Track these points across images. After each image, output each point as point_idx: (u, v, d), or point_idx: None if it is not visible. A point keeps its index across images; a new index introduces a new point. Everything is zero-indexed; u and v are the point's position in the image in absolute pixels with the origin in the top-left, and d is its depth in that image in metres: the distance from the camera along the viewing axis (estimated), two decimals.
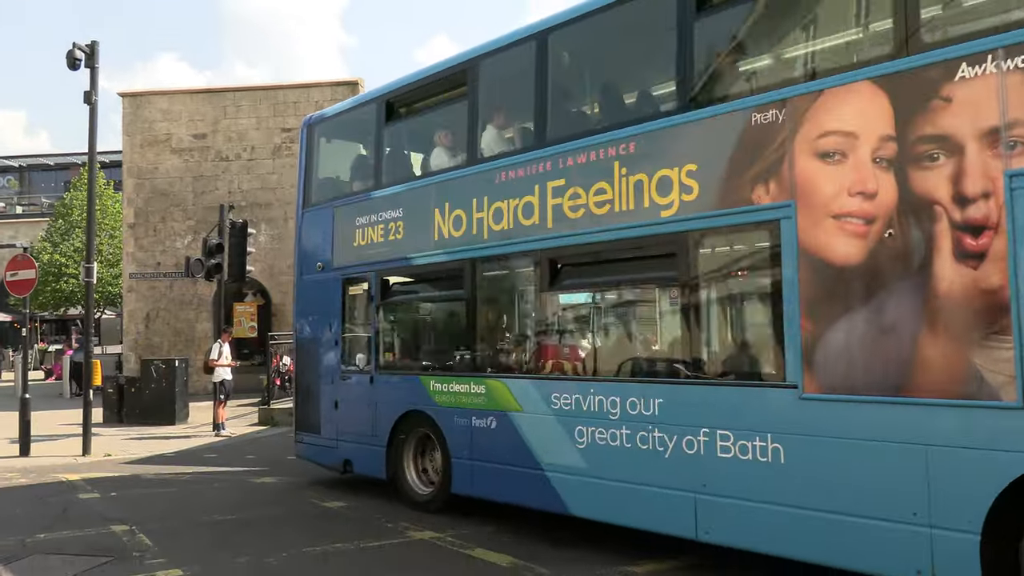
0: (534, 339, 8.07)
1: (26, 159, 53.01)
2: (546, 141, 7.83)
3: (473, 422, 8.24)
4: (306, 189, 10.84)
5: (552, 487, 7.43)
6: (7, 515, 9.18)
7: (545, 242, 7.70)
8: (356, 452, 9.79)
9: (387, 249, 9.44)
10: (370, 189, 9.85)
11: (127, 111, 24.76)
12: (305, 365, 10.78)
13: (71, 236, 35.14)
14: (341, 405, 9.97)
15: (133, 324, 24.69)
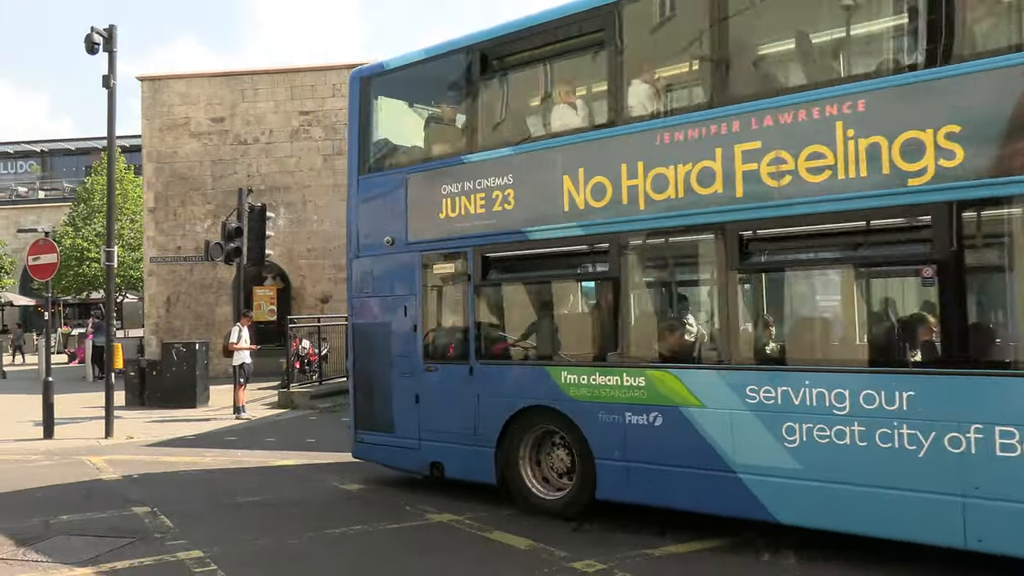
0: (718, 324, 6.97)
1: (48, 144, 53.42)
2: (731, 98, 6.83)
3: (628, 419, 7.24)
4: (362, 154, 9.50)
5: (749, 491, 6.59)
6: (31, 497, 9.29)
7: (734, 213, 6.72)
8: (450, 453, 8.58)
9: (491, 222, 8.23)
10: (461, 152, 8.64)
11: (146, 95, 24.83)
12: (366, 354, 9.50)
13: (93, 220, 35.40)
14: (425, 400, 8.76)
15: (154, 308, 24.88)
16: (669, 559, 6.70)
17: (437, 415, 8.69)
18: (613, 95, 7.57)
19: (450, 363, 8.66)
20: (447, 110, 9.39)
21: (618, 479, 7.36)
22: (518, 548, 7.03)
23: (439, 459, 8.70)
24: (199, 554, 6.92)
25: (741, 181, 6.68)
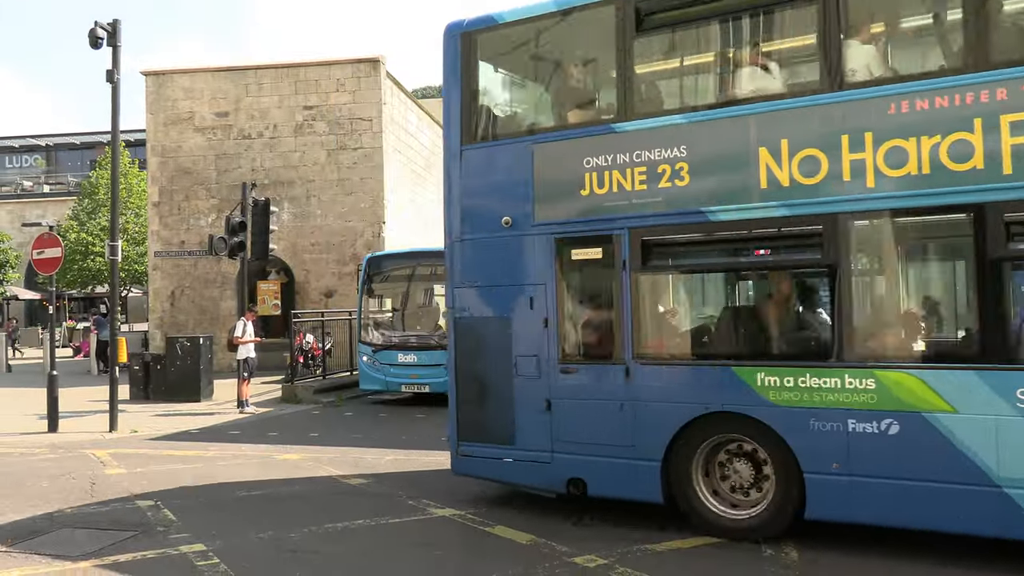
0: (977, 318, 6.18)
1: (52, 138, 53.47)
2: (997, 62, 6.00)
3: (851, 427, 6.34)
4: (467, 121, 8.22)
5: (1019, 508, 5.83)
6: (35, 489, 9.33)
7: (998, 193, 5.93)
8: (595, 468, 7.43)
9: (654, 200, 7.18)
10: (611, 120, 7.52)
11: (150, 89, 24.84)
12: (475, 354, 8.15)
13: (97, 215, 35.44)
14: (560, 406, 7.57)
15: (158, 302, 24.92)
16: (670, 554, 6.71)
17: (576, 424, 7.51)
18: (829, 55, 6.57)
19: (595, 363, 7.57)
20: (585, 70, 8.23)
21: (836, 496, 6.44)
22: (519, 543, 7.04)
23: (579, 475, 7.50)
24: (202, 547, 6.95)
25: (1009, 156, 5.89)
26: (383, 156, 23.81)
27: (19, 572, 6.38)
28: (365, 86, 23.93)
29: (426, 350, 16.14)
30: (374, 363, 16.61)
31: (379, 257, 18.13)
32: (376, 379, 16.63)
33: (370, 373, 16.70)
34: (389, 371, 16.39)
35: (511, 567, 6.37)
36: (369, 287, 17.39)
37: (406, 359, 16.32)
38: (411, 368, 16.22)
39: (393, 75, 24.96)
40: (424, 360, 16.06)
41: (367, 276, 17.31)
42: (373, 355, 16.67)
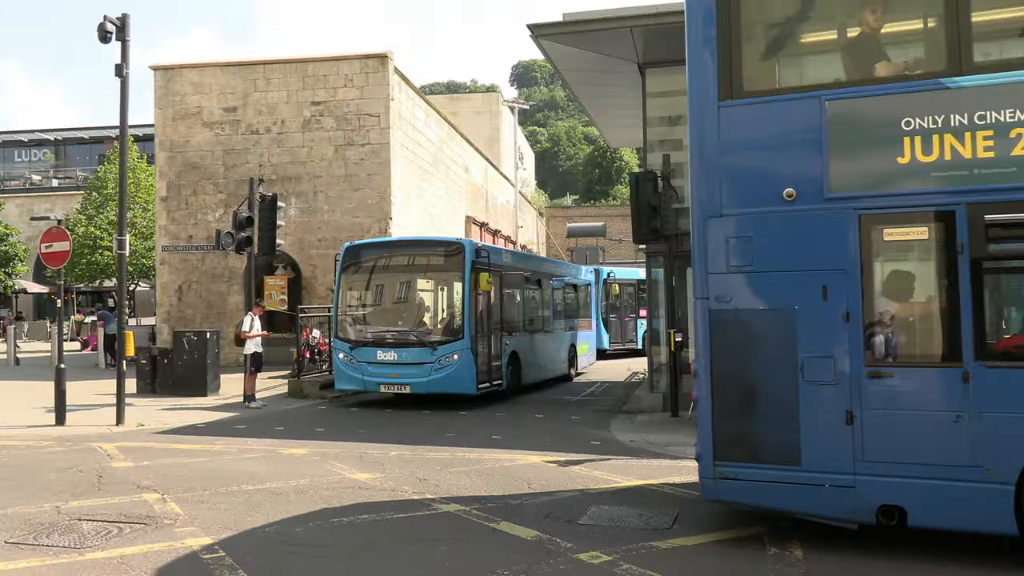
0: None
1: (61, 132, 53.66)
2: None
3: None
4: (724, 72, 6.97)
5: None
6: (43, 482, 9.37)
7: None
8: (919, 493, 6.23)
9: (1007, 170, 6.07)
10: (942, 73, 6.34)
11: (159, 84, 24.90)
12: (741, 354, 6.85)
13: (105, 209, 35.55)
14: (869, 418, 6.35)
15: (166, 296, 25.00)
16: (675, 552, 6.71)
17: (891, 440, 6.32)
18: None
19: (919, 366, 6.42)
20: (900, 8, 7.19)
21: None
22: (524, 539, 7.05)
23: (895, 502, 6.29)
24: (208, 540, 6.98)
25: None
26: (390, 152, 23.83)
27: (26, 564, 6.41)
28: (373, 81, 23.95)
29: (407, 347, 15.47)
30: (351, 361, 15.72)
31: (357, 246, 16.92)
32: (352, 378, 15.78)
33: (346, 372, 15.83)
34: (367, 370, 15.55)
35: (515, 563, 6.38)
36: (347, 279, 16.48)
37: (385, 357, 15.44)
38: (391, 367, 15.41)
39: (401, 70, 24.96)
40: (405, 358, 15.39)
41: (344, 267, 16.44)
42: (350, 352, 15.75)
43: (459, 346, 15.33)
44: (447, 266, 16.21)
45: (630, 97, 18.25)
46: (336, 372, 16.21)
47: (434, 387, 15.36)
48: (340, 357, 15.93)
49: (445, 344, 15.39)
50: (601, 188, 79.83)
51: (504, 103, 53.16)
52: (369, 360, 15.58)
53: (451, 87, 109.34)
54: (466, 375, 15.40)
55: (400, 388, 15.51)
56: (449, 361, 15.25)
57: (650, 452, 11.14)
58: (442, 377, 15.26)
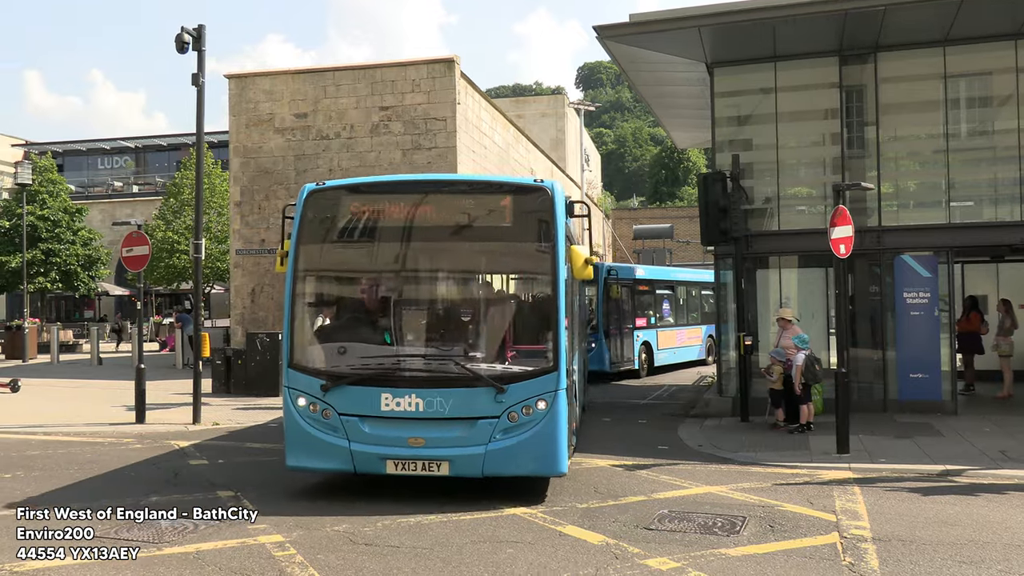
0: None
1: (141, 140, 55.56)
2: None
3: None
4: None
5: None
6: (123, 477, 9.70)
7: None
8: None
9: None
10: None
11: (233, 92, 25.56)
12: None
13: (182, 214, 36.65)
14: None
15: (239, 299, 25.64)
16: (745, 559, 6.58)
17: None
18: None
19: None
20: None
21: None
22: (591, 543, 7.01)
23: None
24: (279, 538, 7.12)
25: None
26: (457, 155, 23.99)
27: (108, 556, 6.63)
28: (440, 86, 24.15)
29: (442, 386, 8.30)
30: (324, 414, 8.40)
31: (334, 192, 9.17)
32: (327, 448, 8.39)
33: (315, 435, 8.43)
34: (360, 431, 8.30)
35: (582, 567, 6.34)
36: (312, 255, 8.92)
37: (398, 406, 8.24)
38: (408, 426, 8.24)
39: (467, 75, 25.13)
40: (438, 409, 8.22)
41: (305, 234, 8.78)
42: (322, 397, 8.39)
43: (546, 384, 8.23)
44: (516, 231, 8.84)
45: (698, 97, 18.03)
46: (288, 435, 8.62)
47: (497, 465, 8.21)
48: (299, 406, 8.49)
49: (520, 381, 8.23)
50: (668, 189, 78.98)
51: (570, 105, 53.01)
52: (365, 412, 8.33)
53: (516, 90, 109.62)
54: (553, 440, 8.22)
55: (428, 467, 8.25)
56: (528, 414, 8.17)
57: (718, 457, 10.96)
58: (513, 445, 8.14)
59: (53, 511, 7.59)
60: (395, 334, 8.87)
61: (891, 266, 14.34)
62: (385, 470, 8.32)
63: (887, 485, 9.14)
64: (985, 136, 15.21)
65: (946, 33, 14.08)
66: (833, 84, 14.94)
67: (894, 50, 14.73)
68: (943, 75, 14.50)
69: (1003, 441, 11.39)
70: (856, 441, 11.19)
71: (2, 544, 7.01)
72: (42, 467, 10.37)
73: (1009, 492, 8.82)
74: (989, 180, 15.15)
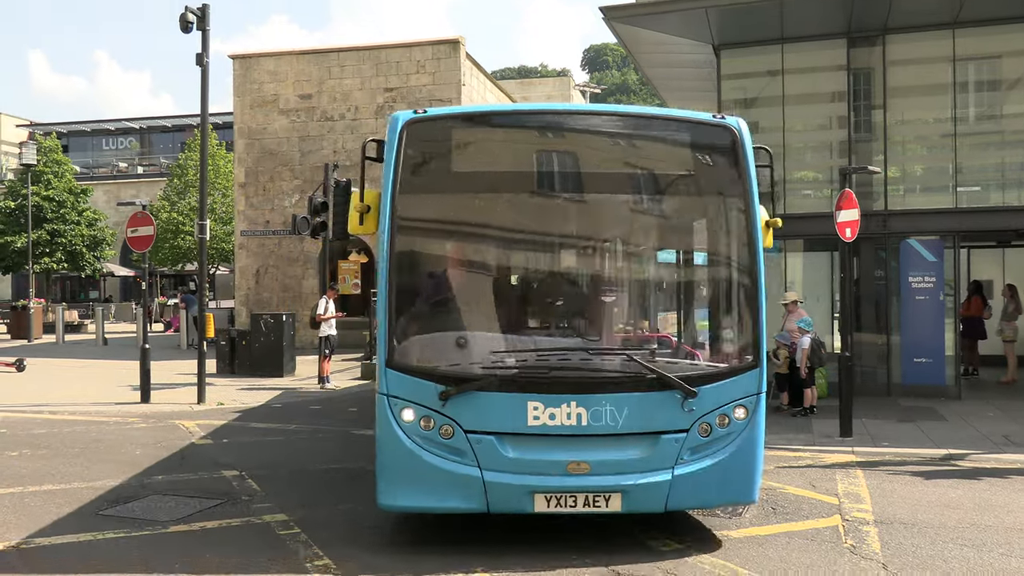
0: None
1: (145, 121, 55.45)
2: None
3: None
4: None
5: None
6: (129, 457, 9.75)
7: None
8: None
9: None
10: None
11: (237, 73, 25.49)
12: None
13: (187, 195, 36.65)
14: None
15: (244, 280, 25.68)
16: (747, 541, 6.61)
17: None
18: None
19: None
20: None
21: None
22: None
23: None
24: (283, 517, 7.16)
25: None
26: None
27: (113, 534, 6.69)
28: (445, 67, 24.06)
29: (612, 391, 6.13)
30: (442, 432, 6.11)
31: (443, 121, 6.86)
32: (446, 477, 6.09)
33: (427, 459, 6.11)
34: (498, 455, 6.06)
35: (587, 549, 6.36)
36: (415, 212, 6.48)
37: (553, 418, 6.06)
38: (569, 444, 6.09)
39: (472, 56, 25.01)
40: (606, 419, 6.08)
41: (408, 178, 6.40)
42: (441, 409, 6.08)
43: (746, 385, 6.33)
44: (698, 182, 6.86)
45: (704, 79, 17.92)
46: (387, 462, 6.29)
47: (684, 496, 6.21)
48: (403, 421, 6.18)
49: (715, 381, 6.27)
50: None
51: (575, 87, 52.81)
52: (505, 429, 6.10)
53: (522, 72, 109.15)
54: (753, 459, 6.38)
55: (592, 502, 6.12)
56: (724, 426, 6.24)
57: None
58: (706, 469, 6.18)
59: (59, 488, 7.64)
60: (539, 319, 6.80)
61: (897, 250, 14.30)
62: (532, 508, 5.99)
63: (890, 468, 9.15)
64: (993, 120, 15.11)
65: (955, 16, 13.95)
66: (841, 67, 14.83)
67: (902, 33, 14.61)
68: (952, 58, 14.38)
69: (1006, 426, 11.39)
70: (859, 425, 11.20)
71: (10, 521, 7.06)
72: (48, 445, 10.43)
73: (1011, 476, 8.82)
74: (997, 164, 15.06)
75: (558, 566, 5.93)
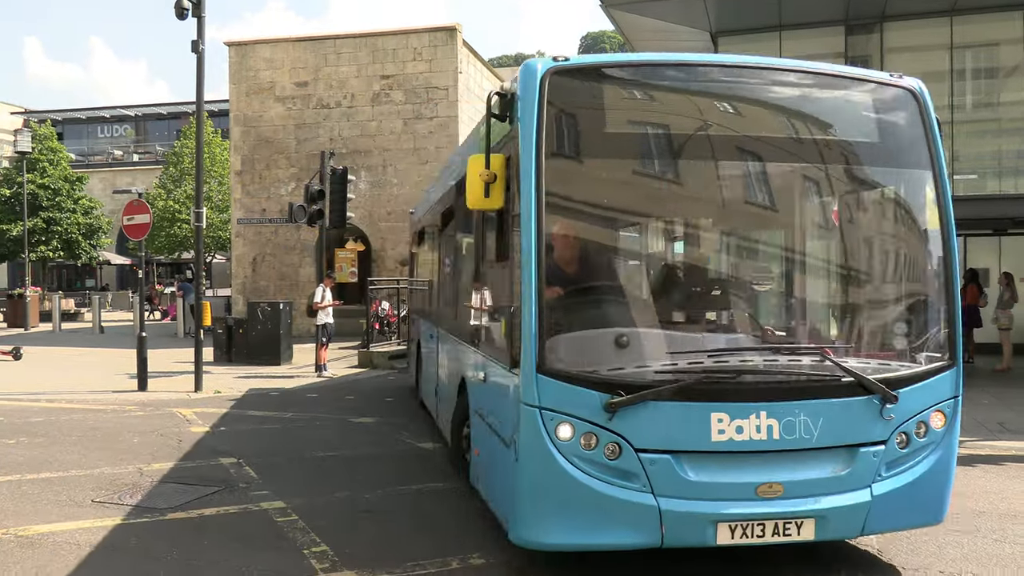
0: None
1: (141, 108, 55.26)
2: None
3: None
4: None
5: None
6: (127, 445, 9.76)
7: None
8: None
9: None
10: None
11: (233, 60, 25.39)
12: None
13: (182, 183, 36.58)
14: None
15: (241, 268, 25.65)
16: None
17: None
18: None
19: None
20: None
21: None
22: None
23: None
24: (281, 504, 7.18)
25: None
26: (459, 125, 23.87)
27: (111, 522, 6.70)
28: (441, 55, 23.98)
29: (805, 397, 5.11)
30: (607, 451, 4.94)
31: (590, 72, 5.55)
32: (612, 507, 4.94)
33: (588, 484, 4.94)
34: (677, 477, 4.96)
35: None
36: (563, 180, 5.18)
37: (740, 432, 5.00)
38: (760, 463, 5.07)
39: (469, 44, 24.92)
40: (800, 431, 5.06)
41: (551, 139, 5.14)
42: (606, 424, 4.91)
43: (943, 388, 5.49)
44: (883, 152, 5.77)
45: None
46: (534, 487, 5.07)
47: (881, 519, 5.31)
48: (563, 438, 4.96)
49: (913, 384, 5.36)
50: None
51: None
52: (684, 446, 5.02)
53: (519, 60, 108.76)
54: (948, 474, 5.60)
55: (783, 530, 5.10)
56: (922, 436, 5.40)
57: None
58: (906, 486, 5.32)
59: (57, 476, 7.65)
60: (714, 311, 5.68)
61: None
62: (715, 540, 5.02)
63: None
64: (990, 108, 15.14)
65: (953, 3, 13.95)
66: (839, 54, 14.83)
67: (900, 20, 14.62)
68: (949, 46, 14.39)
69: (1002, 413, 11.44)
70: None
71: (7, 509, 7.07)
72: (45, 433, 10.44)
73: (1006, 463, 8.87)
74: (993, 152, 15.10)
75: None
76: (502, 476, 5.51)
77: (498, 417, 5.73)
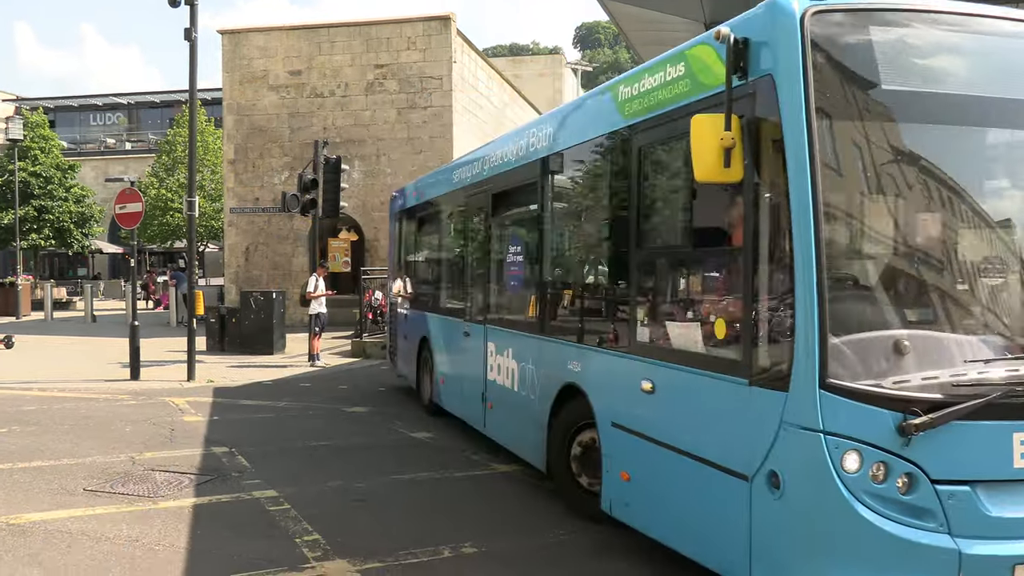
0: None
1: (134, 96, 54.97)
2: None
3: None
4: None
5: None
6: (119, 433, 9.76)
7: None
8: None
9: None
10: None
11: (226, 48, 25.26)
12: None
13: (175, 171, 36.43)
14: None
15: (234, 257, 25.59)
16: None
17: None
18: None
19: None
20: None
21: None
22: None
23: None
24: (273, 493, 7.19)
25: None
26: (452, 115, 23.82)
27: (103, 510, 6.71)
28: (435, 44, 23.90)
29: None
30: (900, 484, 4.02)
31: (861, 16, 4.33)
32: (900, 551, 3.94)
33: (876, 524, 3.96)
34: (977, 513, 4.02)
35: (566, 526, 6.43)
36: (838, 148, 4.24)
37: None
38: None
39: (464, 33, 24.85)
40: None
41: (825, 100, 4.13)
42: (900, 451, 3.99)
43: None
44: None
45: None
46: (807, 534, 4.11)
47: None
48: (849, 470, 4.00)
49: None
50: None
51: (567, 65, 52.63)
52: (984, 475, 4.09)
53: (513, 50, 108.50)
54: None
55: None
56: None
57: None
58: None
59: (49, 464, 7.66)
60: (1005, 312, 4.54)
61: None
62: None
63: None
64: None
65: None
66: None
67: None
68: None
69: None
70: None
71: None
72: (37, 422, 10.43)
73: None
74: None
75: None
76: (711, 515, 4.64)
77: (705, 439, 4.75)
